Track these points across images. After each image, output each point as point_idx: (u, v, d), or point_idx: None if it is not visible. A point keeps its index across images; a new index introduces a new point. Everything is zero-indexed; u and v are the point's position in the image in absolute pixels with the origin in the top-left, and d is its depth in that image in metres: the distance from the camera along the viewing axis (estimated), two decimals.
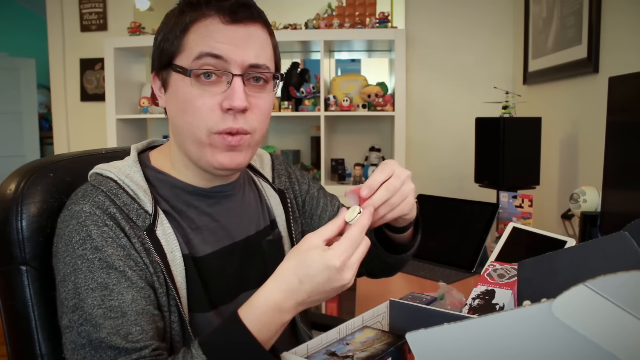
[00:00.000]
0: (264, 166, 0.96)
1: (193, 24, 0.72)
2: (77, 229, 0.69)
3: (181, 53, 0.73)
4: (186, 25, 0.72)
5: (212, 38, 0.71)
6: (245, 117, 0.73)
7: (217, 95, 0.71)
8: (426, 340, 0.46)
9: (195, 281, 0.75)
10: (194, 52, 0.71)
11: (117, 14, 2.88)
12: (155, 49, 0.77)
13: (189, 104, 0.72)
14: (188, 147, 0.75)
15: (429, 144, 2.69)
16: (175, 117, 0.75)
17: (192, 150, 0.75)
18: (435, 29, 2.65)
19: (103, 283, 0.67)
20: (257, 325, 0.62)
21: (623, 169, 1.17)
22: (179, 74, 0.73)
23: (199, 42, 0.71)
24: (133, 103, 2.69)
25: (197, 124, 0.72)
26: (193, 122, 0.72)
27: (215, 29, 0.71)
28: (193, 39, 0.72)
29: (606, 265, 0.66)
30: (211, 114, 0.71)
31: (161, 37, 0.76)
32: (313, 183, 1.02)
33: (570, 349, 0.43)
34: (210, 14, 0.72)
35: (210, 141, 0.73)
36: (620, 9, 1.57)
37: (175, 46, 0.73)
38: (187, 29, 0.72)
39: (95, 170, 0.78)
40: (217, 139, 0.72)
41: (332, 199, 1.03)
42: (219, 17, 0.72)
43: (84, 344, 0.65)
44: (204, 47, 0.71)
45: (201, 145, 0.73)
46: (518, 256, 0.81)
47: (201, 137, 0.72)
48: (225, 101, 0.71)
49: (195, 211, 0.80)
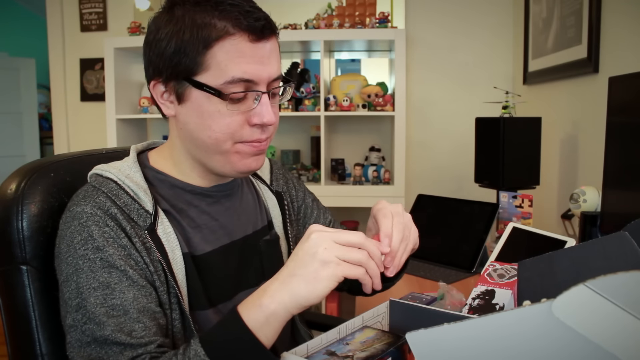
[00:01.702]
0: (262, 169, 0.98)
1: (218, 41, 0.69)
2: (79, 229, 0.70)
3: (206, 71, 0.70)
4: (210, 41, 0.69)
5: (244, 60, 0.70)
6: (268, 127, 0.75)
7: (245, 112, 0.73)
8: (426, 340, 0.46)
9: (195, 279, 0.76)
10: (224, 74, 0.70)
11: (117, 14, 2.87)
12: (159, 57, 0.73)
13: (215, 120, 0.72)
14: (209, 158, 0.76)
15: (429, 144, 2.69)
16: (196, 131, 0.74)
17: (214, 160, 0.76)
18: (435, 29, 2.65)
19: (105, 282, 0.68)
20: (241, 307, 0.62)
21: (623, 169, 1.17)
22: (202, 92, 0.71)
23: (230, 65, 0.69)
24: (133, 103, 2.69)
25: (224, 139, 0.73)
26: (219, 137, 0.73)
27: (244, 48, 0.70)
28: (221, 58, 0.69)
29: (606, 265, 0.66)
30: (240, 129, 0.73)
31: (173, 47, 0.70)
32: (308, 193, 1.04)
33: (570, 349, 0.43)
34: (237, 32, 0.70)
35: (236, 149, 0.74)
36: (620, 9, 1.57)
37: (198, 62, 0.70)
38: (211, 45, 0.69)
39: (95, 171, 0.78)
40: (244, 147, 0.75)
41: (324, 212, 1.05)
42: (247, 35, 0.70)
43: (89, 342, 0.66)
44: (237, 71, 0.70)
45: (226, 154, 0.75)
46: (518, 256, 0.81)
47: (226, 148, 0.74)
48: (256, 117, 0.73)
49: (195, 210, 0.80)
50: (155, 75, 0.75)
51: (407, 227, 0.75)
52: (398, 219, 0.74)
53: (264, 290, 0.63)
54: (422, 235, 0.92)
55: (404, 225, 0.74)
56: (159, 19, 0.74)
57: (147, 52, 0.76)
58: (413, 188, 2.50)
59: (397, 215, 0.74)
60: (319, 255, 0.61)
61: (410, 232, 0.76)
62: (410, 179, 2.61)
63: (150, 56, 0.75)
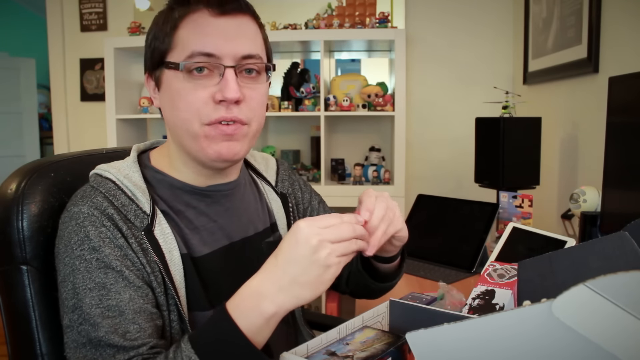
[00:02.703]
0: (268, 169, 0.96)
1: (182, 20, 0.73)
2: (76, 230, 0.70)
3: (173, 50, 0.73)
4: (175, 21, 0.73)
5: (203, 33, 0.71)
6: (240, 108, 0.73)
7: (209, 87, 0.72)
8: (426, 340, 0.46)
9: (193, 280, 0.76)
10: (185, 49, 0.71)
11: (117, 14, 2.87)
12: (147, 48, 0.77)
13: (181, 98, 0.72)
14: (185, 143, 0.75)
15: (429, 144, 2.69)
16: (169, 114, 0.76)
17: (188, 144, 0.75)
18: (435, 28, 2.65)
19: (101, 283, 0.67)
20: (236, 312, 0.61)
21: (623, 169, 1.17)
22: (171, 71, 0.73)
23: (191, 39, 0.72)
24: (133, 103, 2.69)
25: (190, 118, 0.72)
26: (186, 116, 0.72)
27: (204, 22, 0.72)
28: (184, 35, 0.72)
29: (606, 265, 0.66)
30: (204, 106, 0.72)
31: (152, 36, 0.76)
32: (315, 195, 1.03)
33: (570, 349, 0.43)
34: (198, 8, 0.72)
35: (205, 132, 0.73)
36: (620, 9, 1.57)
37: (167, 43, 0.73)
38: (176, 25, 0.73)
39: (95, 171, 0.79)
40: (211, 129, 0.73)
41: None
42: (207, 10, 0.72)
43: (84, 343, 0.66)
44: (196, 44, 0.71)
45: (196, 138, 0.73)
46: (518, 256, 0.81)
47: (195, 129, 0.73)
48: (218, 93, 0.71)
49: (194, 211, 0.80)
50: (146, 69, 0.79)
51: (390, 209, 0.73)
52: (381, 199, 0.73)
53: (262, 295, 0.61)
54: (422, 235, 0.92)
55: (387, 206, 0.73)
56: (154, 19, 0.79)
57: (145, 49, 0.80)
58: (413, 188, 2.50)
59: (381, 196, 0.74)
60: (322, 260, 0.60)
61: (394, 215, 0.74)
62: (410, 179, 2.61)
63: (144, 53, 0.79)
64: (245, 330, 0.60)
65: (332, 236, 0.61)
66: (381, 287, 0.96)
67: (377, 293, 1.00)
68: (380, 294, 1.01)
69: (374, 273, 0.93)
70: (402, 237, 0.80)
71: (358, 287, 0.98)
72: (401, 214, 0.77)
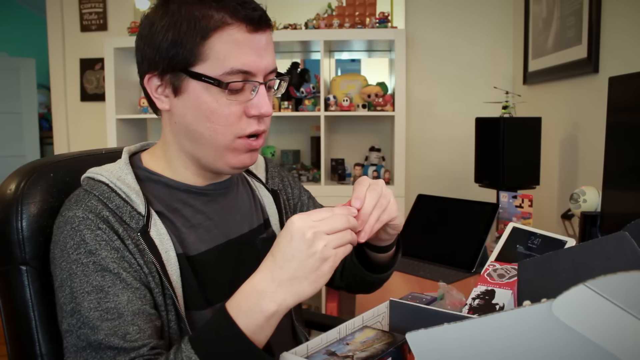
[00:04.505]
0: (257, 168, 0.97)
1: (216, 31, 0.70)
2: (71, 234, 0.70)
3: (203, 61, 0.70)
4: (207, 31, 0.69)
5: (241, 49, 0.71)
6: (264, 120, 0.76)
7: (243, 103, 0.73)
8: (426, 340, 0.46)
9: (190, 280, 0.76)
10: (223, 64, 0.70)
11: (117, 14, 2.87)
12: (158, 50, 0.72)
13: (215, 112, 0.72)
14: (203, 152, 0.75)
15: (429, 144, 2.69)
16: (193, 123, 0.74)
17: (208, 154, 0.75)
18: (436, 29, 2.65)
19: (98, 286, 0.67)
20: (236, 311, 0.61)
21: (623, 169, 1.17)
22: (200, 82, 0.71)
23: (228, 55, 0.70)
24: (133, 103, 2.69)
25: (223, 131, 0.73)
26: (218, 129, 0.73)
27: (242, 38, 0.71)
28: (220, 48, 0.70)
29: (606, 265, 0.66)
30: (238, 121, 0.73)
31: (170, 39, 0.70)
32: (304, 190, 1.04)
33: (570, 349, 0.43)
34: (235, 23, 0.70)
35: (235, 145, 0.74)
36: (620, 9, 1.57)
37: (195, 53, 0.70)
38: (209, 35, 0.69)
39: (87, 175, 0.78)
40: (242, 143, 0.75)
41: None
42: (245, 26, 0.71)
43: (84, 347, 0.66)
44: (235, 61, 0.70)
45: (222, 150, 0.75)
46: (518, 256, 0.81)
47: (226, 142, 0.74)
48: (253, 109, 0.73)
49: (190, 209, 0.80)
50: (151, 68, 0.75)
51: (383, 197, 0.73)
52: (374, 187, 0.73)
53: (261, 293, 0.61)
54: (422, 235, 0.92)
55: (380, 194, 0.73)
56: (153, 14, 0.74)
57: (141, 47, 0.75)
58: (413, 188, 2.50)
59: (374, 184, 0.74)
60: (319, 253, 0.61)
61: (388, 203, 0.74)
62: (410, 179, 2.61)
63: (144, 50, 0.75)
64: (246, 330, 0.60)
65: (326, 228, 0.62)
66: (376, 279, 0.95)
67: (373, 285, 1.00)
68: (376, 287, 1.01)
69: (369, 264, 0.93)
70: (397, 226, 0.80)
71: (353, 280, 0.98)
72: (396, 202, 0.77)
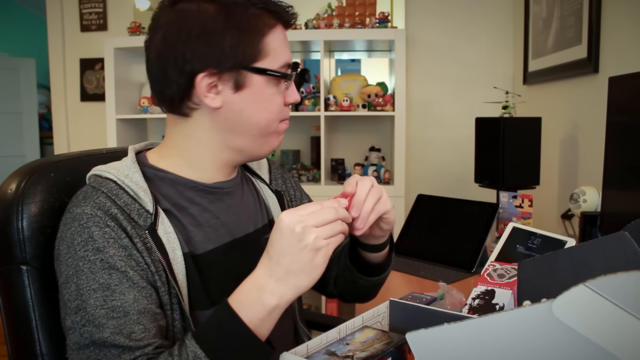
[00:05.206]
0: (261, 169, 0.98)
1: (271, 30, 0.77)
2: (79, 230, 0.70)
3: (264, 58, 0.76)
4: (263, 30, 0.76)
5: (285, 45, 0.80)
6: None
7: (283, 92, 0.81)
8: (426, 340, 0.46)
9: (195, 279, 0.76)
10: (278, 59, 0.78)
11: (117, 14, 2.87)
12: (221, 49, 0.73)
13: (273, 103, 0.79)
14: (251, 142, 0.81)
15: (429, 144, 2.69)
16: (250, 116, 0.78)
17: (255, 143, 0.81)
18: (436, 29, 2.65)
19: (105, 284, 0.67)
20: (238, 306, 0.64)
21: (623, 169, 1.17)
22: (262, 76, 0.77)
23: (280, 51, 0.79)
24: (133, 103, 2.69)
25: (275, 118, 0.80)
26: (272, 117, 0.80)
27: (283, 35, 0.80)
28: (275, 46, 0.78)
29: (606, 265, 0.66)
30: (282, 108, 0.81)
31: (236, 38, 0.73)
32: (305, 194, 1.06)
33: (570, 349, 0.43)
34: (279, 22, 0.79)
35: (278, 129, 0.82)
36: (620, 9, 1.57)
37: (257, 50, 0.76)
38: (265, 34, 0.77)
39: (93, 172, 0.78)
40: (282, 126, 0.83)
41: None
42: (282, 24, 0.80)
43: (87, 344, 0.66)
44: (286, 56, 0.80)
45: (270, 135, 0.81)
46: (518, 256, 0.81)
47: (275, 127, 0.81)
48: (291, 97, 0.81)
49: (197, 208, 0.80)
50: (209, 66, 0.74)
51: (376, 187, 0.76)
52: (365, 179, 0.76)
53: (262, 288, 0.64)
54: (422, 235, 0.92)
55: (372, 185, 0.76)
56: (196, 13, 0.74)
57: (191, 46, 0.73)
58: (413, 188, 2.50)
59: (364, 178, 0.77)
60: (310, 245, 0.63)
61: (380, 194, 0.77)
62: (410, 179, 2.61)
63: (197, 50, 0.73)
64: (249, 323, 0.63)
65: (315, 221, 0.64)
66: (370, 283, 0.95)
67: (366, 292, 1.00)
68: (369, 295, 1.01)
69: (363, 266, 0.93)
70: (390, 220, 0.82)
71: (346, 286, 0.98)
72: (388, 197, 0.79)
